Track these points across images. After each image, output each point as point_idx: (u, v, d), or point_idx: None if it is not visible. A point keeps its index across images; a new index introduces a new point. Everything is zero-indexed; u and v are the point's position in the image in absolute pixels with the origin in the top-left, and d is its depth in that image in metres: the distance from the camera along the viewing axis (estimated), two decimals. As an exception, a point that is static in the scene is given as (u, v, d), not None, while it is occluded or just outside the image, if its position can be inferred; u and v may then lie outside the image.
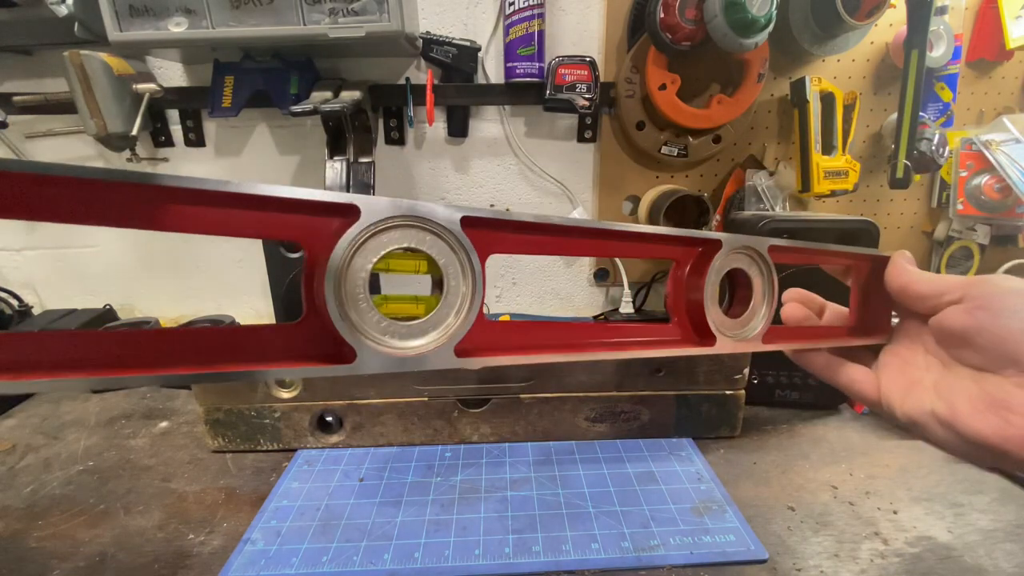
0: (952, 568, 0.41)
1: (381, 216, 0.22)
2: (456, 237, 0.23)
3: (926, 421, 0.29)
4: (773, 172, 0.80)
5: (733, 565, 0.41)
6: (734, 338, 0.32)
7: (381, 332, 0.22)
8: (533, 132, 0.82)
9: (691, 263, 0.32)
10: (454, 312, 0.24)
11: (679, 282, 0.32)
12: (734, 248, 0.32)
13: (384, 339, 0.22)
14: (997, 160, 0.75)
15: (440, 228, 0.23)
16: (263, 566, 0.41)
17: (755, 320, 0.33)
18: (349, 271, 0.21)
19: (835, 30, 0.70)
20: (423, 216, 0.23)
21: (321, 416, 0.55)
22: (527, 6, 0.71)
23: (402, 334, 0.23)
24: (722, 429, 0.58)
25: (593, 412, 0.56)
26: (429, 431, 0.56)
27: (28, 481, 0.52)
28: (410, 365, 0.22)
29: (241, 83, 0.73)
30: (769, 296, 0.33)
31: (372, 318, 0.22)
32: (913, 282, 0.32)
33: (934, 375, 0.31)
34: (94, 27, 0.65)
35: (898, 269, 0.33)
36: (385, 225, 0.22)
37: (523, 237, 0.27)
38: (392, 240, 0.22)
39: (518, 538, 0.43)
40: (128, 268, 0.87)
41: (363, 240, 0.22)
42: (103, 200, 0.18)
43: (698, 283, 0.31)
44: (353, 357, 0.21)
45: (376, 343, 0.22)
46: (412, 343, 0.23)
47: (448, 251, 0.24)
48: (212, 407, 0.54)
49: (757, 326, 0.33)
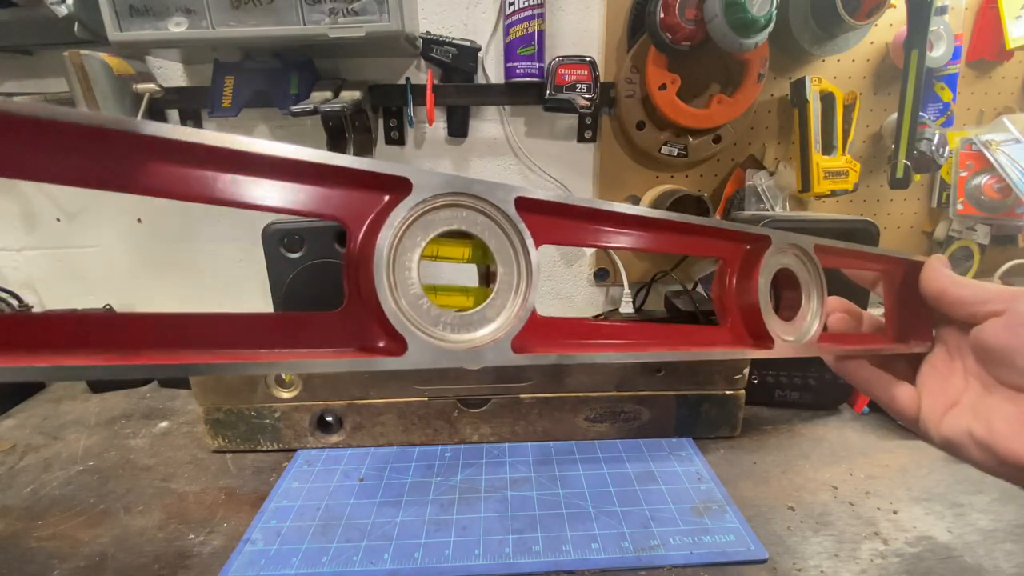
0: (952, 568, 0.41)
1: (435, 192, 0.20)
2: (511, 220, 0.21)
3: (964, 442, 0.28)
4: (773, 172, 0.80)
5: (733, 565, 0.41)
6: (792, 342, 0.30)
7: (433, 323, 0.20)
8: (533, 132, 0.82)
9: (740, 262, 0.30)
10: (509, 303, 0.22)
11: (731, 282, 0.30)
12: (782, 247, 0.30)
13: (437, 331, 0.20)
14: (997, 160, 0.75)
15: (494, 210, 0.21)
16: (263, 566, 0.41)
17: (807, 322, 0.31)
18: (398, 253, 0.19)
19: (835, 30, 0.70)
20: (478, 195, 0.21)
21: (321, 416, 0.55)
22: (527, 6, 0.71)
23: (456, 326, 0.20)
24: (722, 429, 0.58)
25: (593, 412, 0.56)
26: (429, 431, 0.56)
27: (28, 481, 0.52)
28: (464, 360, 0.20)
29: (241, 83, 0.73)
30: (819, 297, 0.31)
31: (424, 307, 0.20)
32: (950, 286, 0.30)
33: (973, 395, 0.30)
34: (94, 27, 0.65)
35: (934, 273, 0.32)
36: (437, 203, 0.20)
37: (580, 225, 0.25)
38: (442, 220, 0.20)
39: (518, 538, 0.43)
40: (128, 268, 0.87)
41: (413, 219, 0.20)
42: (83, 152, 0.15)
43: (750, 283, 0.29)
44: (402, 350, 0.19)
45: (429, 335, 0.19)
46: (467, 336, 0.21)
47: (501, 235, 0.22)
48: (212, 407, 0.54)
49: (811, 328, 0.31)
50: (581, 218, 0.25)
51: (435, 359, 0.19)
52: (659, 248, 0.28)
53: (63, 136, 0.14)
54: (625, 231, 0.26)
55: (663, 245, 0.28)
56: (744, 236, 0.30)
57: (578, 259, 0.88)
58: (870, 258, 0.35)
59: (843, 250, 0.33)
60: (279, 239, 0.76)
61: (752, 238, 0.30)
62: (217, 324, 0.17)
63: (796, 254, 0.31)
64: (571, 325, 0.25)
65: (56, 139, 0.14)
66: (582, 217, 0.25)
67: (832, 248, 0.33)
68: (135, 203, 0.84)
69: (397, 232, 0.19)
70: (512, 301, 0.22)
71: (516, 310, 0.22)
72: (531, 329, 0.22)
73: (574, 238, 0.25)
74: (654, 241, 0.27)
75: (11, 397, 0.68)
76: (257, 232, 0.78)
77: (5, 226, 0.85)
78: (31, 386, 0.71)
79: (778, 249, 0.30)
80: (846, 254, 0.34)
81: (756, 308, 0.29)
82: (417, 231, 0.20)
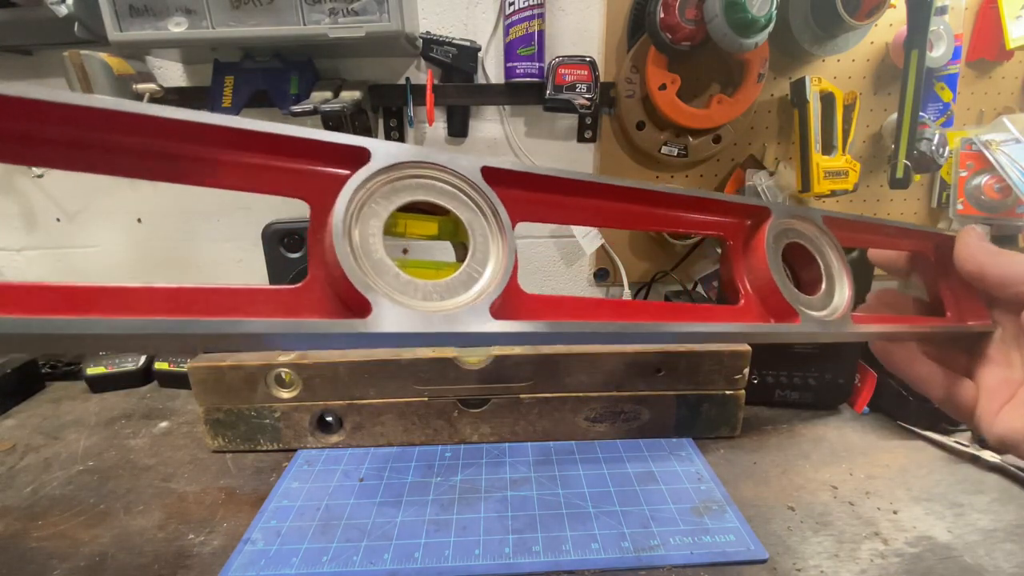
0: (952, 568, 0.41)
1: (394, 160, 0.19)
2: (480, 190, 0.21)
3: (1019, 441, 0.26)
4: (773, 172, 0.80)
5: (733, 565, 0.41)
6: (822, 317, 0.27)
7: (401, 290, 0.19)
8: (533, 132, 0.82)
9: (743, 238, 0.28)
10: (486, 270, 0.20)
11: (737, 260, 0.28)
12: (787, 220, 0.28)
13: (405, 298, 0.18)
14: (997, 160, 0.75)
15: (461, 180, 0.20)
16: (263, 566, 0.41)
17: (837, 297, 0.28)
18: (360, 219, 0.18)
19: (835, 30, 0.70)
20: (441, 164, 0.20)
21: (321, 416, 0.55)
22: (527, 6, 0.71)
23: (426, 292, 0.19)
24: (722, 429, 0.58)
25: (593, 412, 0.56)
26: (429, 431, 0.56)
27: (28, 481, 0.52)
28: (437, 324, 0.18)
29: (241, 83, 0.73)
30: (840, 267, 0.28)
31: (390, 273, 0.18)
32: (989, 264, 0.27)
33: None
34: (94, 27, 0.65)
35: (968, 249, 0.28)
36: (400, 173, 0.19)
37: (557, 199, 0.23)
38: (407, 190, 0.20)
39: (518, 538, 0.43)
40: (128, 268, 0.87)
41: (376, 188, 0.19)
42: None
43: (758, 257, 0.27)
44: (366, 314, 0.17)
45: (396, 301, 0.18)
46: (440, 303, 0.19)
47: (471, 206, 0.21)
48: (212, 407, 0.54)
49: (841, 301, 0.28)
50: (557, 191, 0.23)
51: (402, 323, 0.18)
52: (651, 225, 0.26)
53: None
54: (608, 203, 0.24)
55: (654, 222, 0.26)
56: (743, 209, 0.28)
57: (578, 259, 0.88)
58: (890, 232, 0.32)
59: (858, 223, 0.30)
60: (279, 239, 0.76)
61: (751, 211, 0.28)
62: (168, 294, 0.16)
63: (805, 227, 0.29)
64: (563, 300, 0.23)
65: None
66: (558, 190, 0.23)
67: (845, 222, 0.30)
68: (135, 203, 0.84)
69: (355, 196, 0.18)
70: (490, 269, 0.20)
71: (495, 276, 0.20)
72: (514, 300, 0.21)
73: (553, 214, 0.23)
74: (644, 217, 0.25)
75: (11, 397, 0.68)
76: (257, 232, 0.78)
77: (5, 226, 0.85)
78: (31, 386, 0.71)
79: (783, 222, 0.28)
80: (861, 228, 0.31)
81: (770, 282, 0.26)
82: (379, 200, 0.19)
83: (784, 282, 0.26)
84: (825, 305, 0.28)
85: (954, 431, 0.57)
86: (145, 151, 0.17)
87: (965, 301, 0.32)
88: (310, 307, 0.18)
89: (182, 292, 0.16)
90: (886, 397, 0.62)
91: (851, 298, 0.28)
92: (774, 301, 0.26)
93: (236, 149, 0.17)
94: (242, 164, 0.18)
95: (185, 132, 0.17)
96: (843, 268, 0.28)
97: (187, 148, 0.17)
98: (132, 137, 0.16)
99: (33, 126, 0.15)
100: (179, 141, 0.17)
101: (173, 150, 0.17)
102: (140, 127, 0.16)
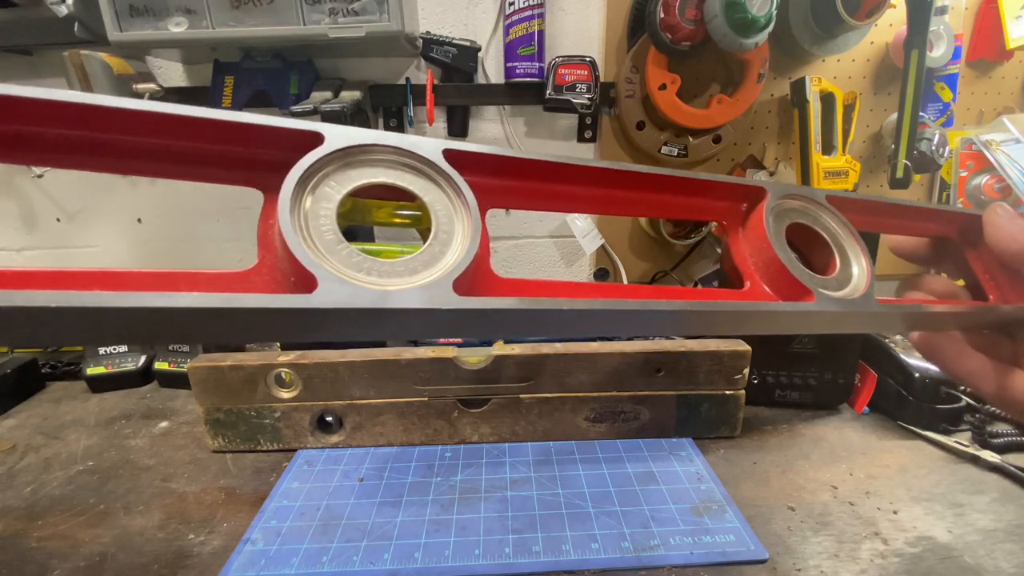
0: (952, 568, 0.41)
1: (347, 143, 0.18)
2: (440, 170, 0.20)
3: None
4: (773, 172, 0.80)
5: (733, 565, 0.41)
6: (840, 297, 0.24)
7: (355, 268, 0.17)
8: (533, 132, 0.82)
9: (740, 221, 0.26)
10: (449, 250, 0.19)
11: (736, 244, 0.26)
12: (786, 200, 0.26)
13: (359, 275, 0.17)
14: (997, 160, 0.75)
15: (422, 163, 0.19)
16: (263, 566, 0.41)
17: (855, 275, 0.25)
18: (313, 199, 0.18)
19: (835, 30, 0.70)
20: (397, 145, 0.19)
21: (321, 416, 0.55)
22: (527, 6, 0.71)
23: (383, 271, 0.18)
24: (722, 429, 0.58)
25: (593, 412, 0.56)
26: (429, 431, 0.56)
27: (28, 481, 0.52)
28: (392, 300, 0.17)
29: (241, 83, 0.73)
30: (854, 244, 0.26)
31: (343, 252, 0.17)
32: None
33: None
34: (94, 27, 0.65)
35: (1003, 231, 0.25)
36: (354, 156, 0.18)
37: (530, 184, 0.22)
38: (364, 175, 0.19)
39: (518, 538, 0.43)
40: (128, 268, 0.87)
41: (330, 171, 0.18)
42: None
43: (758, 235, 0.24)
44: (312, 288, 0.16)
45: (345, 276, 0.17)
46: (396, 279, 0.18)
47: (432, 187, 0.20)
48: (212, 407, 0.54)
49: (861, 281, 0.25)
50: (530, 176, 0.22)
51: (351, 298, 0.16)
52: (637, 211, 0.24)
53: None
54: (588, 188, 0.23)
55: (640, 207, 0.24)
56: (736, 190, 0.25)
57: (578, 259, 0.88)
58: (904, 214, 0.29)
59: (867, 203, 0.27)
60: (279, 239, 0.76)
61: (746, 192, 0.25)
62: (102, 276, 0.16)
63: (807, 206, 0.26)
64: (545, 284, 0.21)
65: None
66: (530, 175, 0.21)
67: (852, 202, 0.27)
68: (135, 203, 0.84)
69: (305, 176, 0.17)
70: (454, 248, 0.19)
71: (459, 255, 0.19)
72: (485, 283, 0.19)
73: (527, 201, 0.22)
74: (628, 202, 0.24)
75: (11, 397, 0.68)
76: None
77: (5, 226, 0.85)
78: (31, 386, 0.71)
79: (782, 202, 0.26)
80: (871, 209, 0.28)
81: (775, 260, 0.24)
82: (333, 183, 0.18)
83: (791, 260, 0.24)
84: (842, 285, 0.25)
85: (954, 431, 0.57)
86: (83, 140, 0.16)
87: (1006, 282, 0.29)
88: (256, 289, 0.17)
89: (119, 275, 0.16)
90: (886, 397, 0.62)
91: (871, 275, 0.25)
92: (783, 281, 0.24)
93: (182, 138, 0.17)
94: (189, 152, 0.17)
95: (128, 120, 0.16)
96: (856, 244, 0.26)
97: (128, 138, 0.17)
98: (74, 129, 0.16)
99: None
100: (120, 132, 0.16)
101: (114, 140, 0.16)
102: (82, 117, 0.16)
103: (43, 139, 0.16)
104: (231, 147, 0.18)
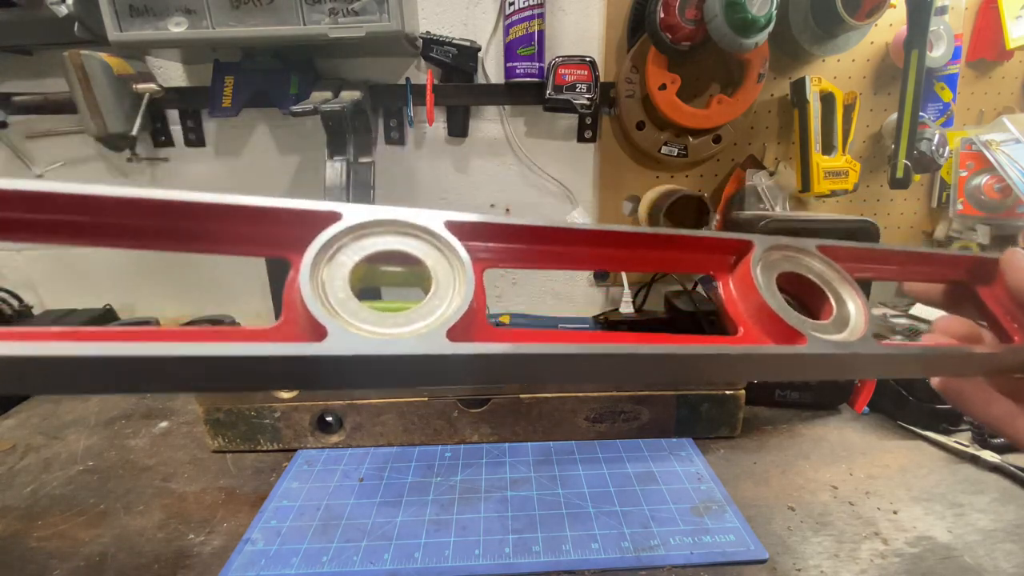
0: (952, 568, 0.41)
1: (362, 220, 0.21)
2: (440, 237, 0.22)
3: None
4: (773, 172, 0.80)
5: (733, 565, 0.41)
6: (837, 340, 0.25)
7: (361, 320, 0.20)
8: (533, 132, 0.82)
9: (729, 272, 0.27)
10: (445, 302, 0.21)
11: (728, 295, 0.26)
12: (771, 248, 0.26)
13: (365, 326, 0.20)
14: (997, 160, 0.75)
15: (425, 233, 0.22)
16: (263, 566, 0.41)
17: (852, 318, 0.26)
18: (329, 267, 0.20)
19: (835, 30, 0.70)
20: (404, 220, 0.22)
21: (321, 416, 0.55)
22: (527, 6, 0.71)
23: (386, 323, 0.20)
24: (722, 429, 0.58)
25: (593, 412, 0.56)
26: (429, 431, 0.56)
27: (28, 481, 0.52)
28: (389, 347, 0.19)
29: (241, 83, 0.73)
30: (847, 287, 0.26)
31: (351, 306, 0.20)
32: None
33: None
34: (94, 27, 0.65)
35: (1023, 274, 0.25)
36: (366, 230, 0.21)
37: (523, 248, 0.24)
38: (375, 244, 0.22)
39: (518, 538, 0.43)
40: (128, 268, 0.87)
41: (346, 242, 0.21)
42: None
43: (747, 285, 0.25)
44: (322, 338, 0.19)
45: (352, 326, 0.19)
46: (396, 329, 0.20)
47: (435, 252, 0.22)
48: (212, 407, 0.54)
49: (859, 323, 0.25)
50: (523, 239, 0.24)
51: (355, 345, 0.19)
52: (627, 267, 0.26)
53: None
54: (578, 248, 0.24)
55: (630, 264, 0.26)
56: (724, 244, 0.26)
57: (578, 259, 0.88)
58: (901, 260, 0.29)
59: (859, 252, 0.27)
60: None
61: (732, 245, 0.26)
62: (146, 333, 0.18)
63: (797, 255, 0.27)
64: (537, 333, 0.22)
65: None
66: (524, 239, 0.24)
67: (846, 251, 0.27)
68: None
69: (324, 248, 0.20)
70: (450, 300, 0.21)
71: (452, 305, 0.21)
72: (477, 327, 0.21)
73: (524, 261, 0.24)
74: (618, 260, 0.25)
75: (11, 397, 0.68)
76: (257, 232, 0.78)
77: (5, 226, 0.85)
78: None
79: (769, 253, 0.26)
80: (866, 257, 0.28)
81: (764, 307, 0.25)
82: (347, 252, 0.21)
83: (781, 305, 0.25)
84: (840, 329, 0.25)
85: (954, 431, 0.57)
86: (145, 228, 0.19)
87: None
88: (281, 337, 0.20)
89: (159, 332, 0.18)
90: (886, 397, 0.62)
91: (868, 316, 0.26)
92: (774, 326, 0.25)
93: (226, 222, 0.20)
94: (234, 234, 0.21)
95: (182, 211, 0.19)
96: (850, 287, 0.26)
97: (184, 224, 0.20)
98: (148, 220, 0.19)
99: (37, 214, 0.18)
100: (176, 219, 0.20)
101: (172, 226, 0.20)
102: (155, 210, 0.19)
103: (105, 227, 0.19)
104: (266, 227, 0.21)
